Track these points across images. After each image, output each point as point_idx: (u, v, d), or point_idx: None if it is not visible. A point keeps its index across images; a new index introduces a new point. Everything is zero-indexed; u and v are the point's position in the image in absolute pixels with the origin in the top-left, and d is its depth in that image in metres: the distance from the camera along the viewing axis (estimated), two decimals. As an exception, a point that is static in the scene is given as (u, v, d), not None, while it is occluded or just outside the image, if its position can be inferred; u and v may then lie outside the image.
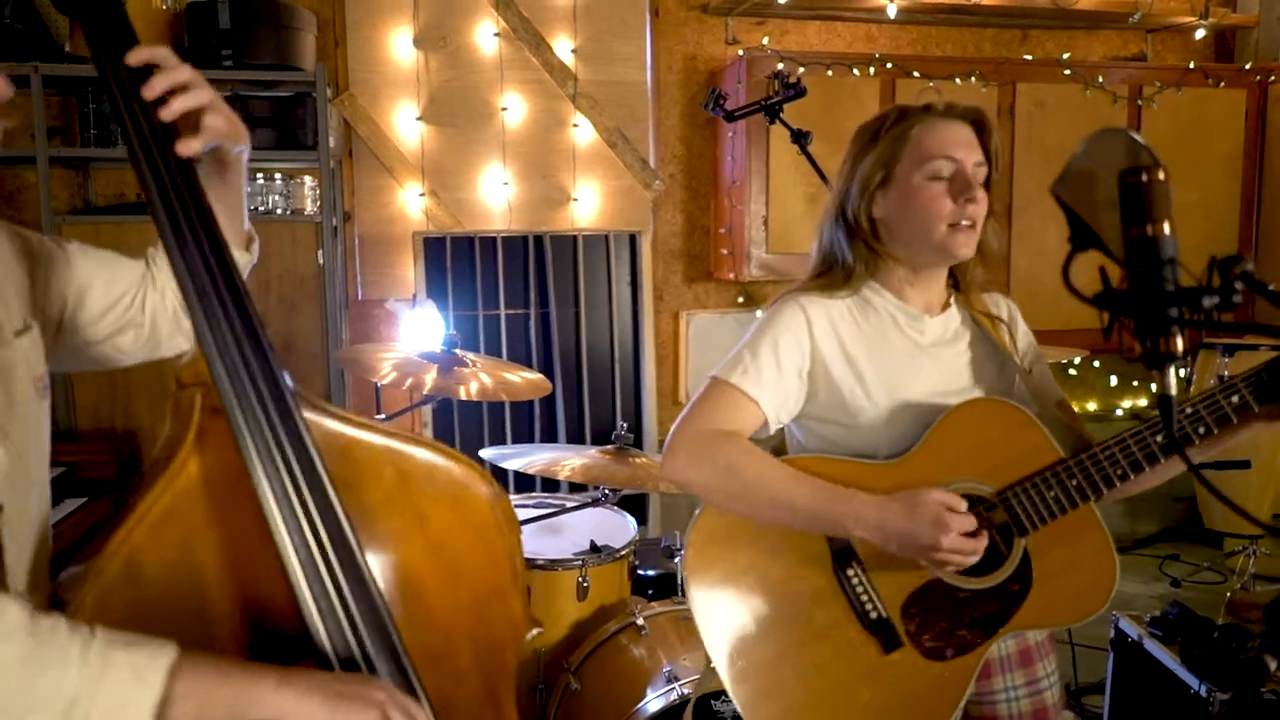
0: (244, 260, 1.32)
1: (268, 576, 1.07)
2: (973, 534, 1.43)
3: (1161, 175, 1.15)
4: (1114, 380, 5.09)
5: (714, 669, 1.56)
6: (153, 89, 1.09)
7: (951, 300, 1.65)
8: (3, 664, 0.86)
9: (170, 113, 1.10)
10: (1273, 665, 0.98)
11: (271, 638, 1.09)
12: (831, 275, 1.60)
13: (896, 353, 1.58)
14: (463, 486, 1.26)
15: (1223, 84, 4.69)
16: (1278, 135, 4.67)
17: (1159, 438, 1.46)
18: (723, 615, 1.53)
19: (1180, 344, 1.16)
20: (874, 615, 1.52)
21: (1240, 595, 1.52)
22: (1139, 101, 4.60)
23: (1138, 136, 1.22)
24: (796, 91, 2.77)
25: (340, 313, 4.00)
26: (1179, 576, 4.50)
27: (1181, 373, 1.19)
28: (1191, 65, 4.76)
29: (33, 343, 1.12)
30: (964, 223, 1.50)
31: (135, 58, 1.10)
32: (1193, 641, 2.49)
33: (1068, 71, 4.55)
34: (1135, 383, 5.12)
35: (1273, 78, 4.67)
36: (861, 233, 1.57)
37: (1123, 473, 1.46)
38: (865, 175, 1.56)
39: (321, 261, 3.83)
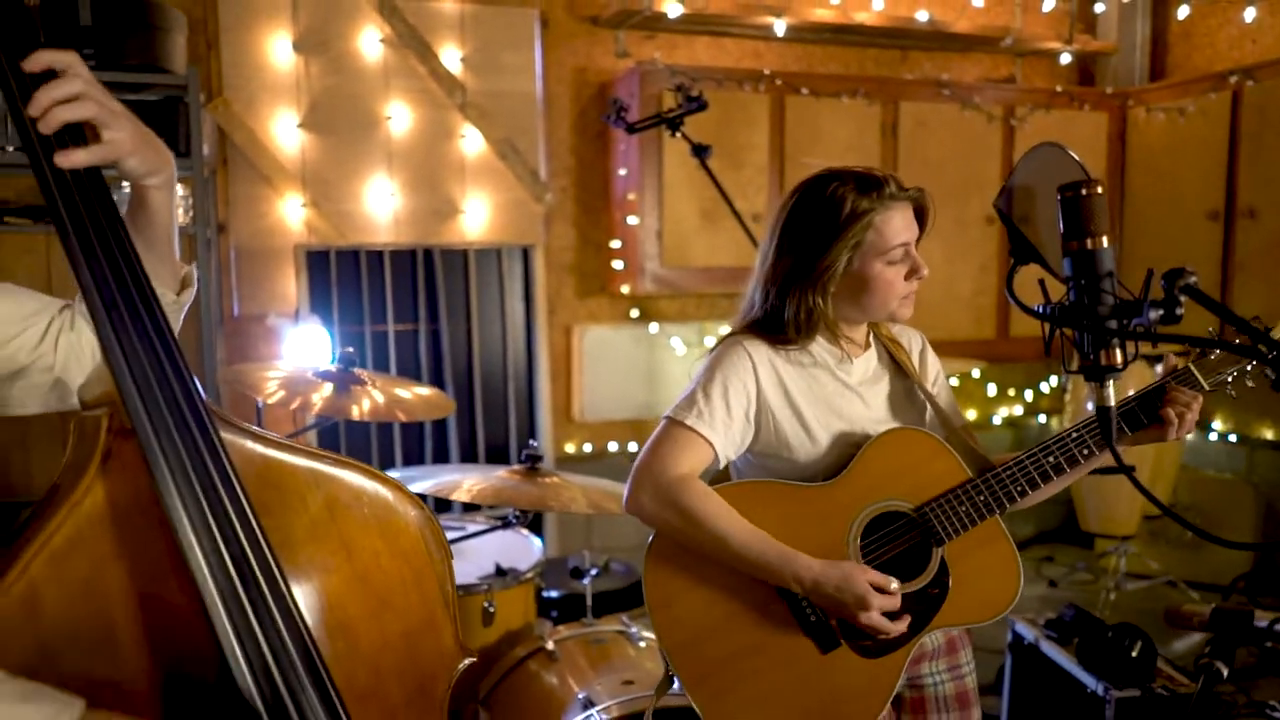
0: (174, 304, 1.21)
1: (183, 610, 0.99)
2: (897, 616, 1.59)
3: (1099, 190, 1.17)
4: (992, 390, 5.28)
5: (666, 683, 1.71)
6: (36, 104, 0.99)
7: (870, 338, 1.80)
8: None
9: (47, 126, 1.00)
10: (1225, 671, 1.00)
11: (185, 678, 1.00)
12: (783, 334, 1.68)
13: (830, 393, 1.71)
14: (391, 511, 1.19)
15: (1086, 106, 4.94)
16: (1137, 156, 4.94)
17: (1050, 459, 1.66)
18: (679, 623, 1.65)
19: (1120, 357, 1.17)
20: (812, 618, 1.64)
21: (1178, 604, 1.59)
22: (1011, 122, 4.80)
23: (1072, 152, 1.23)
24: (698, 105, 2.76)
25: (214, 329, 3.78)
26: (1055, 577, 4.68)
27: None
28: (1059, 88, 5.00)
29: None
30: (910, 293, 1.69)
31: (35, 64, 0.99)
32: (1088, 642, 2.57)
33: (946, 91, 4.70)
34: (1011, 392, 5.33)
35: (1131, 101, 4.95)
36: (820, 311, 1.66)
37: (1022, 489, 1.66)
38: (832, 265, 1.64)
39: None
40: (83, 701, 0.86)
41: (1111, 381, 1.18)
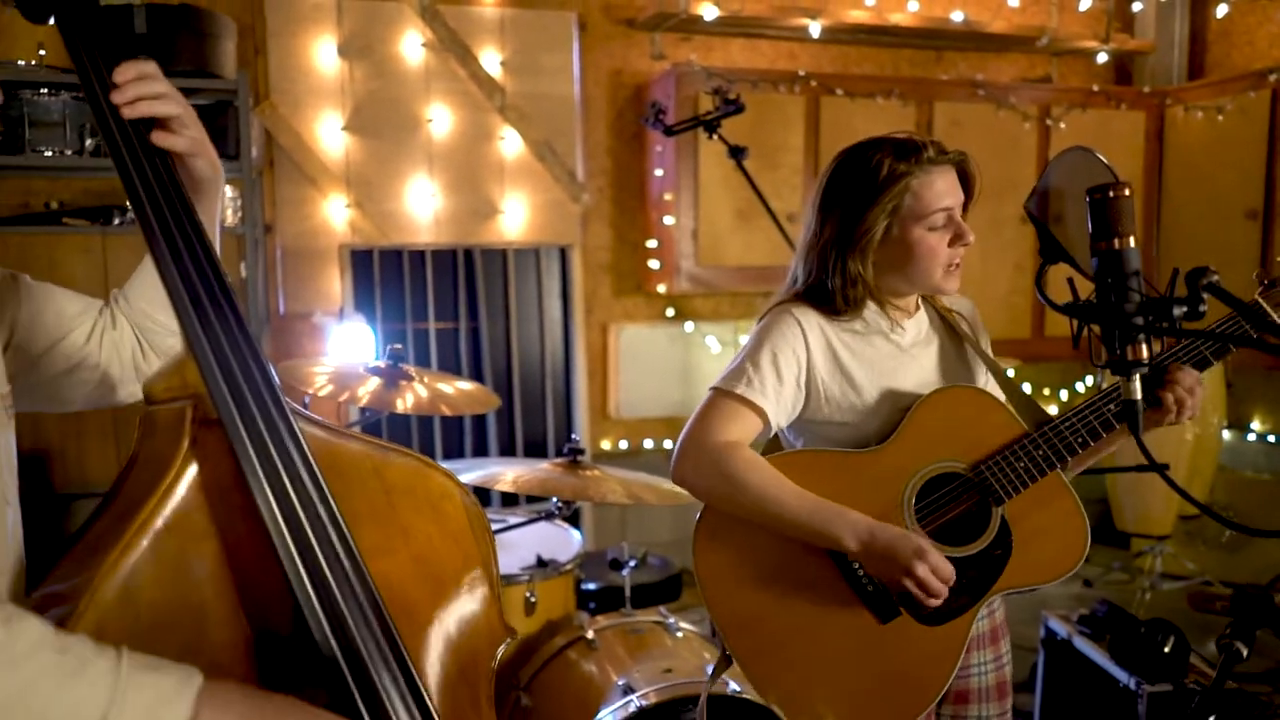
0: None
1: (268, 587, 1.04)
2: (948, 593, 1.50)
3: (1126, 192, 1.21)
4: (1027, 389, 5.28)
5: (723, 662, 1.67)
6: (123, 93, 1.07)
7: (919, 300, 1.77)
8: (29, 680, 0.81)
9: (133, 111, 1.08)
10: (1245, 651, 1.04)
11: (274, 658, 1.05)
12: (831, 305, 1.66)
13: (883, 357, 1.69)
14: (441, 496, 1.24)
15: (1123, 106, 4.93)
16: (1175, 154, 4.92)
17: (1111, 406, 1.58)
18: (732, 599, 1.61)
19: (1146, 352, 1.22)
20: (869, 588, 1.59)
21: (1201, 589, 1.61)
22: (1047, 121, 4.80)
23: (1101, 156, 1.27)
24: (736, 108, 2.81)
25: (260, 327, 3.89)
26: (1090, 577, 4.68)
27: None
28: (1095, 88, 4.99)
29: None
30: (956, 262, 1.65)
31: (123, 75, 1.07)
32: (1121, 637, 2.59)
33: (981, 91, 4.72)
34: (1047, 391, 5.33)
35: (1169, 100, 4.93)
36: (864, 281, 1.65)
37: (1083, 440, 1.59)
38: (869, 230, 1.62)
39: (244, 274, 3.72)
40: (200, 673, 0.90)
41: (1138, 376, 1.23)
